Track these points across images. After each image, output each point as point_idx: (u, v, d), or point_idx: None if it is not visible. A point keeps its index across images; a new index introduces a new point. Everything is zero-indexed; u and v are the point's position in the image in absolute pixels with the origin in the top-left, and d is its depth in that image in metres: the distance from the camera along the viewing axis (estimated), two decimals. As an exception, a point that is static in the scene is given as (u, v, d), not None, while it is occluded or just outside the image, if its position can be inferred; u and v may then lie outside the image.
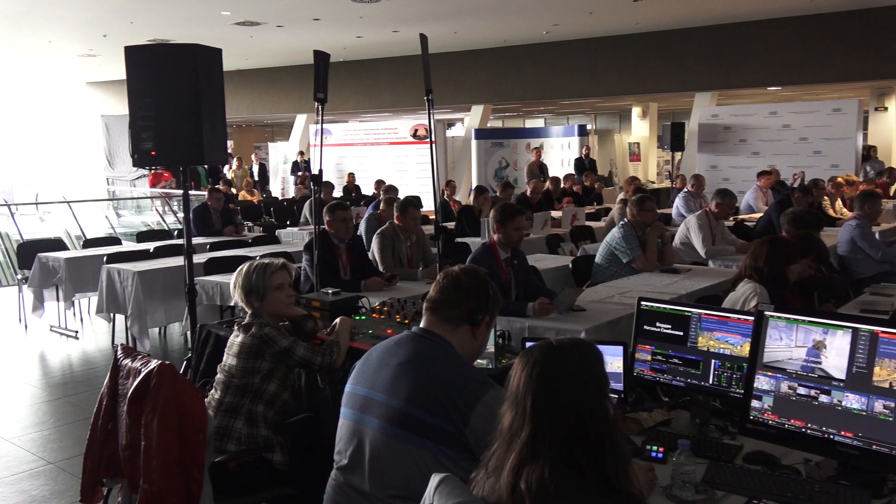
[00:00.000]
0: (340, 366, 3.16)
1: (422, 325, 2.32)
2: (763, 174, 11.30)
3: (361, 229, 7.81)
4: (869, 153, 15.38)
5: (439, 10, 13.05)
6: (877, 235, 6.90)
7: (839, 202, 10.21)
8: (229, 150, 22.76)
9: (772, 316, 2.49)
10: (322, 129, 4.16)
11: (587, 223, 9.32)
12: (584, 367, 1.68)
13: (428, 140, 19.31)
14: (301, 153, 19.80)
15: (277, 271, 3.24)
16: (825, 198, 9.96)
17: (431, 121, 4.31)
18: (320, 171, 4.37)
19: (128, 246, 8.64)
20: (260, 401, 3.03)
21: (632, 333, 2.98)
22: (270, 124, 30.08)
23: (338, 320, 3.42)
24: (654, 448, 2.48)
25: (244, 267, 3.28)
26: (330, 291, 3.89)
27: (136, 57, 4.17)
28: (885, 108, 16.63)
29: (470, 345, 2.30)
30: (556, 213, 9.56)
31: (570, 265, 6.19)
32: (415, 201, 6.23)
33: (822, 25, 13.95)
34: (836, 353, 2.34)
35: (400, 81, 18.19)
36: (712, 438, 2.60)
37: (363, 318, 3.74)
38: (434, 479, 1.71)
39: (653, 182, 19.25)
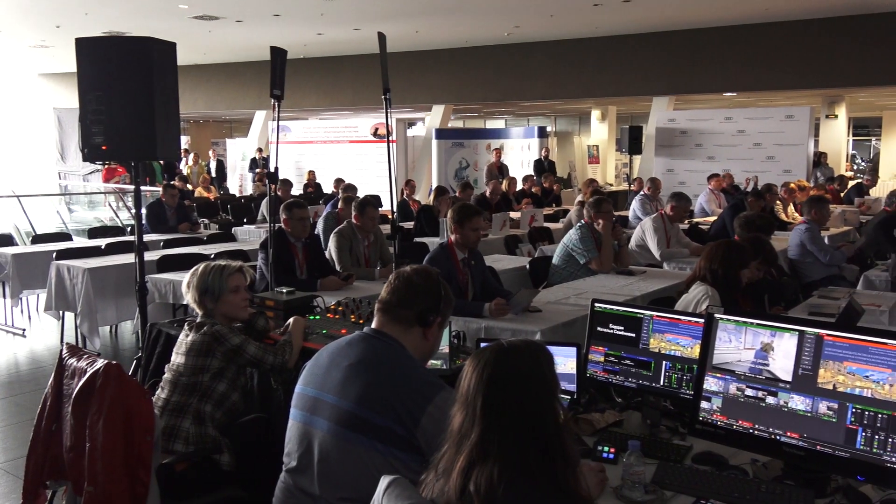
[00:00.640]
0: (293, 366, 3.12)
1: (373, 325, 2.30)
2: (713, 177, 11.51)
3: (319, 228, 7.75)
4: (819, 159, 15.76)
5: (401, 9, 13.02)
6: (826, 240, 7.07)
7: (791, 207, 10.44)
8: (186, 146, 22.41)
9: (721, 318, 2.53)
10: (279, 125, 4.11)
11: (545, 224, 9.38)
12: (535, 368, 1.68)
13: (390, 139, 19.17)
14: (260, 150, 19.59)
15: (234, 274, 3.20)
16: (778, 202, 10.17)
17: (389, 120, 4.29)
18: (276, 168, 4.32)
19: (79, 242, 8.44)
20: (208, 400, 2.98)
21: (585, 335, 3.00)
22: (229, 120, 29.70)
23: (291, 320, 3.38)
24: (606, 449, 2.50)
25: (200, 267, 3.22)
26: (284, 290, 3.85)
27: (88, 49, 4.08)
28: (836, 116, 17.04)
29: (422, 346, 2.29)
30: (514, 214, 9.60)
31: (528, 266, 6.22)
32: (373, 201, 6.19)
33: (777, 34, 14.24)
34: (783, 356, 2.38)
35: (361, 79, 18.10)
36: (663, 439, 2.63)
37: (317, 317, 3.70)
38: (383, 481, 1.70)
39: (611, 185, 19.45)
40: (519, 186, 12.52)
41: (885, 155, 23.58)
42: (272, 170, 4.38)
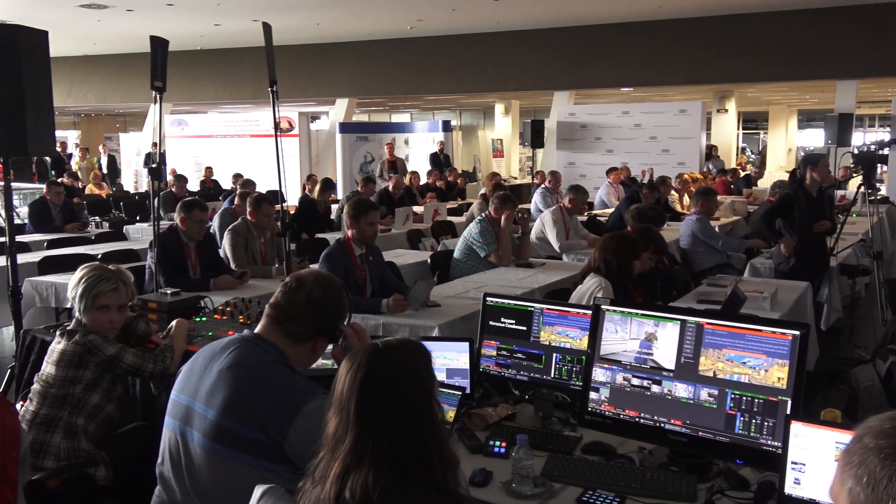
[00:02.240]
0: (175, 371, 2.97)
1: (257, 329, 2.18)
2: (612, 170, 11.82)
3: (215, 225, 7.50)
4: (711, 152, 16.42)
5: (301, 1, 12.77)
6: (716, 229, 7.35)
7: (685, 198, 10.80)
8: (76, 141, 21.34)
9: (608, 309, 2.56)
10: (161, 118, 3.93)
11: (449, 218, 9.39)
12: (410, 368, 1.63)
13: (291, 133, 18.68)
14: (155, 144, 18.84)
15: (107, 293, 2.94)
16: (672, 194, 10.52)
17: (276, 114, 4.16)
18: (158, 164, 4.14)
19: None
20: (80, 413, 2.80)
21: (478, 329, 2.99)
22: (123, 114, 28.45)
23: (174, 323, 3.23)
24: (497, 443, 2.49)
25: (82, 270, 3.02)
26: (169, 291, 3.68)
27: (-52, 37, 3.77)
28: (726, 110, 17.80)
29: (307, 357, 2.17)
30: (418, 209, 9.57)
31: (429, 260, 6.20)
32: (269, 197, 6.03)
33: (671, 30, 14.73)
34: (667, 345, 2.43)
35: (261, 72, 17.32)
36: (554, 431, 2.65)
37: (204, 319, 3.55)
38: (257, 491, 1.62)
39: (515, 178, 19.71)
40: (423, 180, 12.51)
41: (771, 147, 24.82)
42: (154, 165, 4.17)
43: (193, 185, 15.28)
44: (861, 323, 6.76)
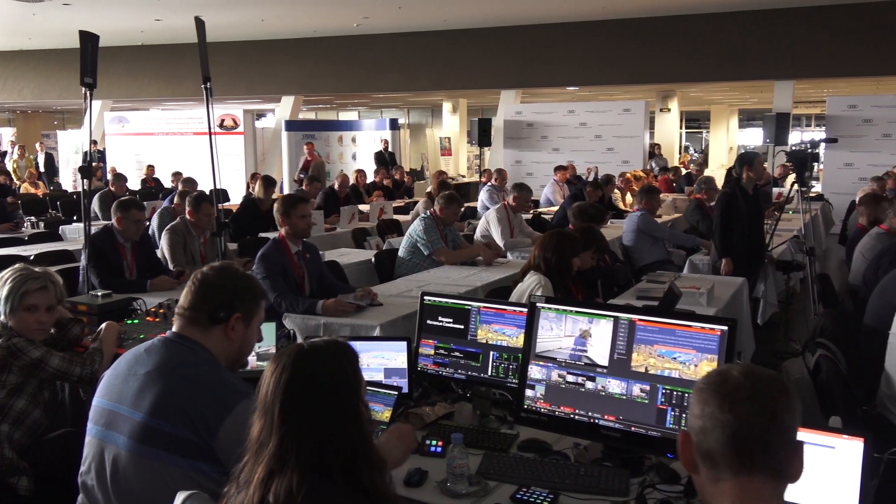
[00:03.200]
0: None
1: (174, 329, 2.15)
2: (559, 169, 11.93)
3: (154, 224, 7.34)
4: (654, 151, 16.71)
5: (243, -4, 12.60)
6: (658, 226, 7.49)
7: (628, 196, 10.96)
8: (12, 138, 20.68)
9: (543, 307, 2.57)
10: (91, 115, 3.82)
11: (395, 217, 9.36)
12: (336, 369, 1.62)
13: (236, 131, 18.34)
14: (94, 143, 18.37)
15: (35, 292, 2.84)
16: (616, 192, 10.66)
17: (210, 111, 4.09)
18: (89, 163, 4.02)
19: None
20: (4, 419, 2.69)
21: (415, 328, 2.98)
22: (61, 111, 27.66)
23: (103, 325, 3.14)
24: (434, 443, 2.48)
25: (8, 272, 2.91)
26: (100, 294, 3.58)
27: None
28: (669, 110, 18.12)
29: (227, 347, 2.13)
30: (364, 207, 9.51)
31: (373, 259, 6.16)
32: (209, 196, 5.91)
33: (615, 31, 14.92)
34: (600, 341, 2.45)
35: (205, 69, 17.35)
36: (491, 429, 2.65)
37: (136, 321, 3.46)
38: (179, 497, 1.59)
39: (464, 176, 19.76)
40: (371, 179, 12.45)
41: (713, 146, 25.37)
42: (84, 164, 4.05)
43: (135, 184, 14.97)
44: (796, 317, 6.96)
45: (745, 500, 1.31)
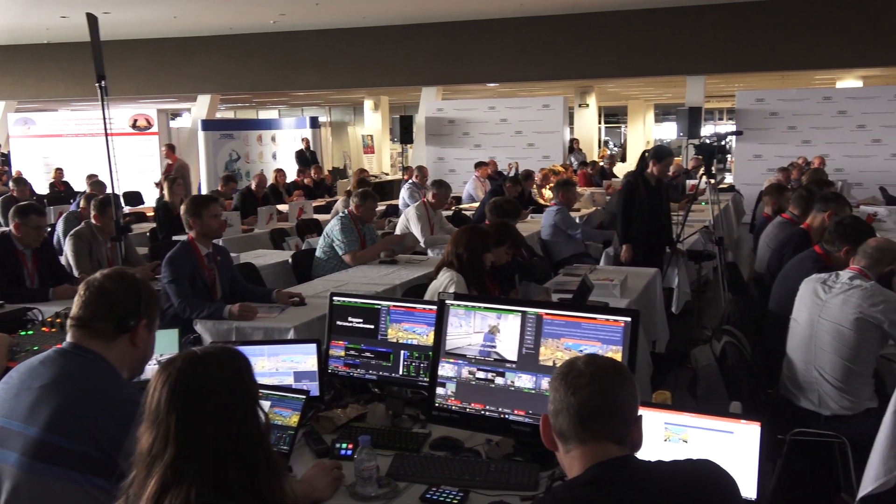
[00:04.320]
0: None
1: (69, 339, 2.05)
2: (479, 165, 12.00)
3: (59, 229, 7.04)
4: (573, 145, 16.99)
5: (153, -8, 12.22)
6: (577, 220, 7.59)
7: (546, 190, 11.10)
8: None
9: (452, 304, 2.56)
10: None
11: (315, 216, 9.23)
12: (231, 376, 1.57)
13: (150, 131, 17.78)
14: (-1, 146, 17.55)
15: None
16: (534, 188, 10.79)
17: (106, 111, 3.94)
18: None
19: None
20: None
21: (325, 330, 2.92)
22: (-38, 112, 26.32)
23: (-8, 338, 2.98)
24: (344, 445, 2.44)
25: None
26: (-8, 304, 3.40)
27: None
28: (587, 105, 18.45)
29: (132, 355, 2.05)
30: (283, 207, 9.35)
31: (290, 259, 6.06)
32: (115, 199, 5.69)
33: (533, 27, 15.10)
34: (509, 337, 2.45)
35: (115, 67, 16.57)
36: (403, 429, 2.62)
37: (30, 332, 3.30)
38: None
39: (387, 174, 19.66)
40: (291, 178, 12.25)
41: (631, 140, 26.00)
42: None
43: (43, 188, 14.34)
44: (708, 305, 7.18)
45: (594, 457, 1.56)
